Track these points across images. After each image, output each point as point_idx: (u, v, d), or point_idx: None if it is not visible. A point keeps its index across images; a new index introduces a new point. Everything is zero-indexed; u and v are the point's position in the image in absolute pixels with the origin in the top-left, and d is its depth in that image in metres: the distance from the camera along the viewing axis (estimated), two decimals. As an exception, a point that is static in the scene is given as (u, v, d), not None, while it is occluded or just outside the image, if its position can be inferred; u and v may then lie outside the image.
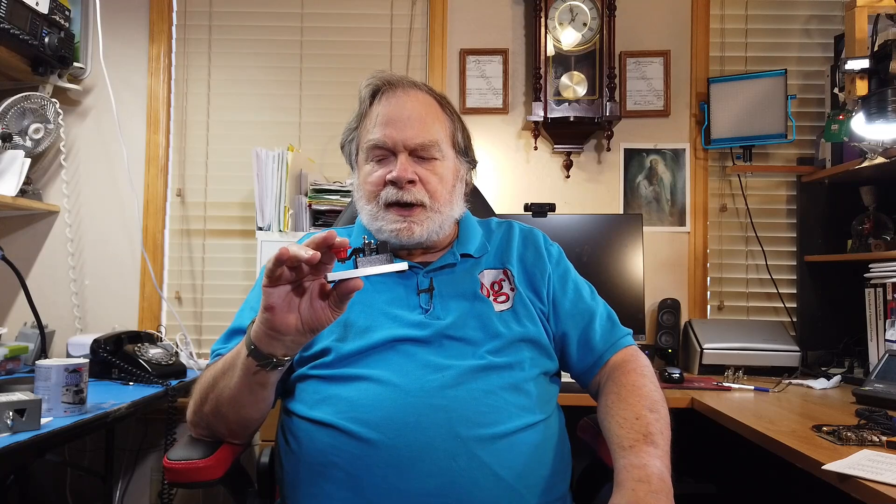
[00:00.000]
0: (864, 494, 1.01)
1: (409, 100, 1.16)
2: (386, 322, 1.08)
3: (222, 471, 1.04)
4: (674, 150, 2.41)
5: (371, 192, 1.14)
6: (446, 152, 1.17)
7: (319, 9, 2.46)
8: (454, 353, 1.06)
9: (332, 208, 2.12)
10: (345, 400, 1.01)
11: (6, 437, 1.22)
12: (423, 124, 1.14)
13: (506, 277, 1.18)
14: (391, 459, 0.96)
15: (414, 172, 1.12)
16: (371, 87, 1.18)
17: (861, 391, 1.63)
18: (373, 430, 0.97)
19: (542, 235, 1.27)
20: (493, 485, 0.96)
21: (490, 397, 1.02)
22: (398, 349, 1.05)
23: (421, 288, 1.13)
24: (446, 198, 1.16)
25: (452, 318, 1.09)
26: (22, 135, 2.18)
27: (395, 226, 1.11)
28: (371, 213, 1.14)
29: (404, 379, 1.01)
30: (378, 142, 1.13)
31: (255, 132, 2.42)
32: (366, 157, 1.16)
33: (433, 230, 1.14)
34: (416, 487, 0.95)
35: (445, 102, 1.21)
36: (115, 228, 2.40)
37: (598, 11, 2.29)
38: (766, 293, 2.38)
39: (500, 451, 0.98)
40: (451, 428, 0.97)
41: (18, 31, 1.94)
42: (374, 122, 1.15)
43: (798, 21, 2.43)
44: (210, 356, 1.14)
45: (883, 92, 1.69)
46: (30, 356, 2.00)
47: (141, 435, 2.31)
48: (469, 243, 1.21)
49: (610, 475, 0.94)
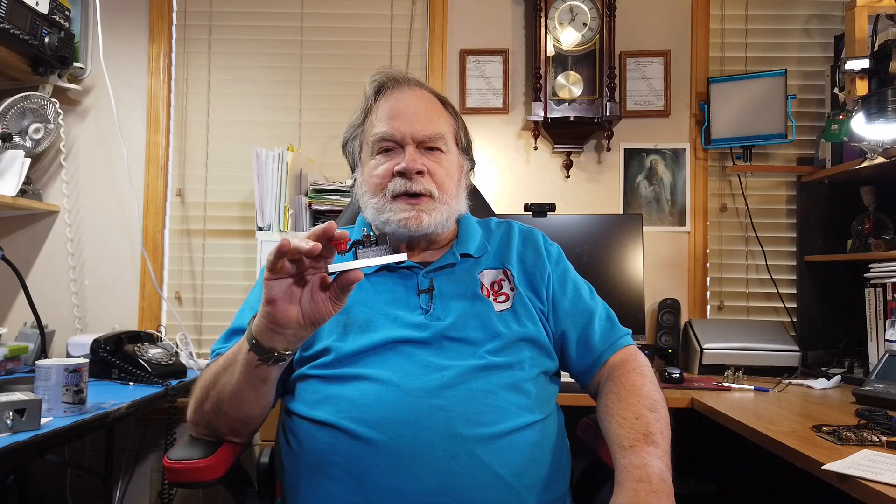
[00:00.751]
0: (864, 494, 1.01)
1: (413, 95, 1.18)
2: (386, 322, 1.08)
3: (223, 471, 1.05)
4: (674, 150, 2.41)
5: (378, 184, 1.15)
6: (451, 147, 1.19)
7: (319, 9, 2.46)
8: (454, 353, 1.06)
9: (332, 208, 2.12)
10: (345, 399, 1.01)
11: (6, 437, 1.22)
12: (430, 118, 1.17)
13: (505, 277, 1.18)
14: (391, 459, 0.96)
15: (422, 163, 1.13)
16: (376, 83, 1.20)
17: (861, 391, 1.63)
18: (373, 430, 0.97)
19: (541, 235, 1.28)
20: (492, 484, 0.96)
21: (490, 397, 1.02)
22: (398, 350, 1.05)
23: (421, 288, 1.13)
24: (453, 191, 1.18)
25: (452, 318, 1.09)
26: (22, 135, 2.18)
27: (404, 214, 1.12)
28: (377, 206, 1.15)
29: (404, 379, 1.01)
30: (386, 134, 1.14)
31: (255, 132, 2.42)
32: (372, 151, 1.17)
33: (440, 221, 1.14)
34: (416, 487, 0.95)
35: (447, 102, 1.24)
36: (115, 228, 2.40)
37: (598, 11, 2.29)
38: (766, 293, 2.38)
39: (499, 451, 0.98)
40: (451, 427, 0.97)
41: (18, 31, 1.94)
42: (381, 115, 1.16)
43: (798, 21, 2.43)
44: (210, 356, 1.15)
45: (883, 92, 1.69)
46: (30, 356, 2.00)
47: (141, 435, 2.31)
48: (469, 243, 1.21)
49: (610, 475, 0.94)
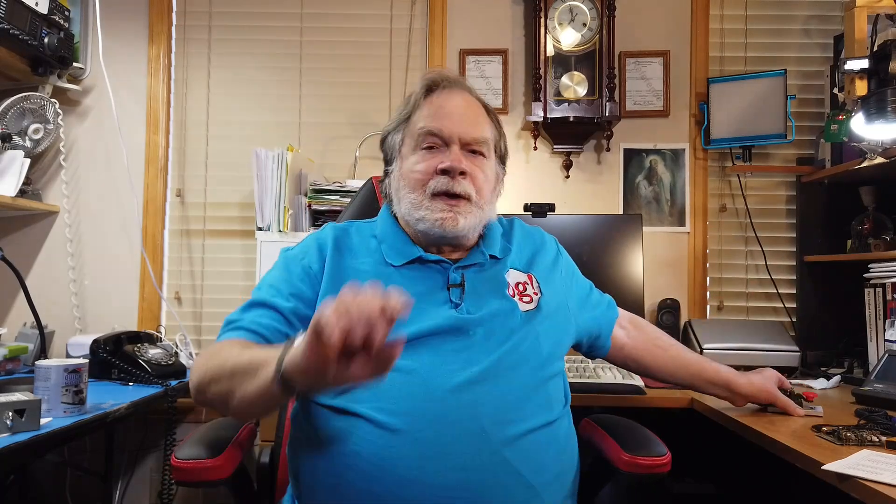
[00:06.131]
0: (863, 494, 1.01)
1: (463, 99, 1.20)
2: (416, 315, 1.07)
3: (231, 470, 1.04)
4: (673, 150, 2.41)
5: (419, 180, 1.15)
6: (491, 154, 1.21)
7: (319, 9, 2.46)
8: (483, 349, 1.07)
9: (332, 208, 2.12)
10: (370, 389, 1.00)
11: (6, 438, 1.22)
12: (478, 121, 1.19)
13: (529, 281, 1.20)
14: (415, 451, 0.96)
15: (466, 165, 1.14)
16: (429, 81, 1.21)
17: (861, 391, 1.63)
18: (398, 420, 0.98)
19: (539, 230, 1.33)
20: (512, 482, 0.97)
21: (515, 394, 1.04)
22: (427, 342, 1.05)
23: (452, 283, 1.14)
24: (488, 197, 1.19)
25: (482, 314, 1.10)
26: (21, 135, 2.18)
27: (441, 214, 1.12)
28: (414, 201, 1.15)
29: (433, 372, 1.02)
30: (434, 129, 1.15)
31: (254, 132, 2.42)
32: (415, 145, 1.17)
33: (473, 226, 1.16)
34: (438, 481, 0.95)
35: (492, 111, 1.25)
36: (115, 229, 2.40)
37: (598, 12, 2.29)
38: (766, 293, 2.38)
39: (522, 449, 1.00)
40: (478, 423, 0.98)
41: (18, 31, 1.93)
42: (431, 112, 1.18)
43: (798, 21, 2.43)
44: (223, 326, 1.10)
45: (882, 92, 1.69)
46: (29, 356, 2.00)
47: (141, 435, 2.31)
48: (494, 244, 1.22)
49: (610, 475, 0.94)
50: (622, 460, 1.05)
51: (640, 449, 1.06)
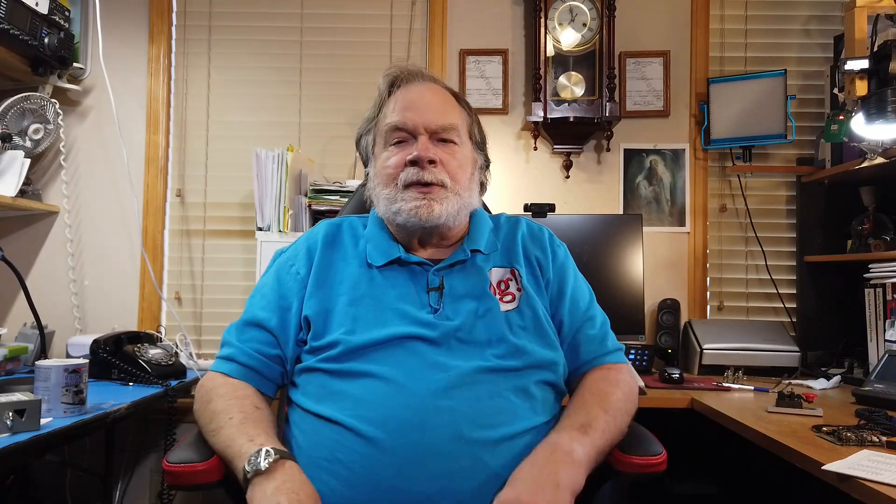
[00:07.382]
0: (863, 495, 1.01)
1: (427, 88, 1.19)
2: (395, 318, 1.08)
3: (222, 473, 1.04)
4: (673, 150, 2.41)
5: (390, 175, 1.15)
6: (464, 140, 1.20)
7: (319, 9, 2.46)
8: (461, 354, 1.06)
9: (332, 208, 2.12)
10: (351, 397, 1.02)
11: (6, 438, 1.22)
12: (443, 109, 1.18)
13: (513, 277, 1.18)
14: (395, 459, 0.96)
15: (434, 153, 1.14)
16: (390, 77, 1.21)
17: (861, 391, 1.63)
18: (378, 429, 0.97)
19: (548, 233, 1.28)
20: (495, 488, 0.95)
21: (496, 399, 1.02)
22: (406, 346, 1.05)
23: (431, 286, 1.13)
24: (465, 183, 1.18)
25: (461, 319, 1.09)
26: (22, 135, 2.18)
27: (415, 203, 1.12)
28: (389, 196, 1.15)
29: (410, 378, 1.01)
30: (399, 123, 1.15)
31: (254, 132, 2.42)
32: (385, 142, 1.18)
33: (451, 212, 1.14)
34: (419, 488, 0.95)
35: (461, 97, 1.25)
36: (115, 229, 2.40)
37: (598, 12, 2.29)
38: (766, 293, 2.38)
39: (503, 454, 0.98)
40: (456, 429, 0.97)
41: (18, 31, 1.93)
42: (394, 107, 1.17)
43: (798, 21, 2.43)
44: (221, 345, 1.15)
45: (882, 92, 1.69)
46: (29, 356, 2.00)
47: (141, 435, 2.31)
48: (479, 239, 1.20)
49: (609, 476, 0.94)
50: (618, 460, 1.05)
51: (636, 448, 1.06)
